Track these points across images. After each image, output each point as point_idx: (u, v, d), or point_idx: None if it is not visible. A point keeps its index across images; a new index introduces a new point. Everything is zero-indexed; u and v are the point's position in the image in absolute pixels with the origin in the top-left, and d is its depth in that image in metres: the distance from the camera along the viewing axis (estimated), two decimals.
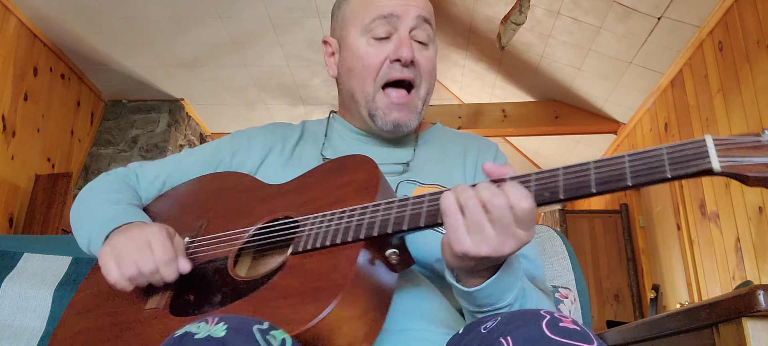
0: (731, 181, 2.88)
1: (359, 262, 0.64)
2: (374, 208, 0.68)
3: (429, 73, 0.95)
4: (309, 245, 0.69)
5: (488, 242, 0.60)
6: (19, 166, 3.67)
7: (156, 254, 0.74)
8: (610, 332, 1.92)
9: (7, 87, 3.51)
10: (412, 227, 0.65)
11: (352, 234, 0.67)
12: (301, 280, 0.66)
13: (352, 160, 0.80)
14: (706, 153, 0.54)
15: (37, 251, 1.22)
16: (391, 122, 0.92)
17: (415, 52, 0.92)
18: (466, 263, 0.63)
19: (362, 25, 0.94)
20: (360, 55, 0.93)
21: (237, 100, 4.73)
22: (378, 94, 0.93)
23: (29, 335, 1.10)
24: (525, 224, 0.60)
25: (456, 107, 4.78)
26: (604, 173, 0.58)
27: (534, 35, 3.90)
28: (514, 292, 0.68)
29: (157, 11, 3.61)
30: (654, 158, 0.56)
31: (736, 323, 1.23)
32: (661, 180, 0.55)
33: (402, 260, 0.70)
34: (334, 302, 0.59)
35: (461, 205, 0.61)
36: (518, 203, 0.59)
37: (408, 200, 0.68)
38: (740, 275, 2.79)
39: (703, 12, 3.08)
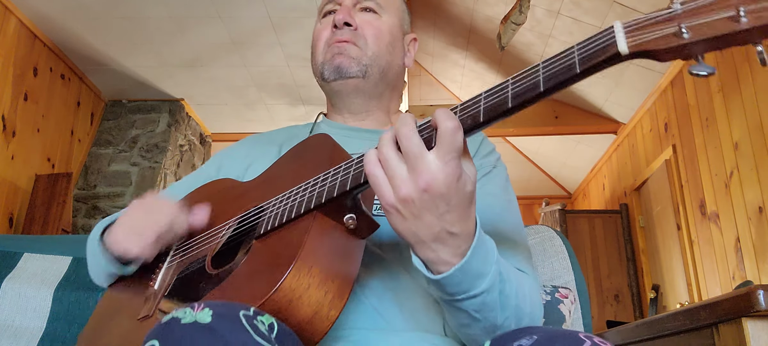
0: (731, 181, 2.88)
1: (313, 231, 0.64)
2: (324, 176, 0.69)
3: (375, 38, 0.98)
4: (269, 226, 0.71)
5: (401, 179, 0.58)
6: (19, 166, 3.67)
7: (164, 206, 0.79)
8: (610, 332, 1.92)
9: (7, 87, 3.51)
10: (354, 186, 0.64)
11: (305, 206, 0.68)
12: (261, 260, 0.67)
13: (311, 140, 0.82)
14: (612, 38, 0.51)
15: (37, 251, 1.22)
16: (333, 67, 0.96)
17: (358, 16, 0.99)
18: (399, 221, 0.60)
19: (319, 12, 1.05)
20: (314, 34, 1.03)
21: (237, 100, 4.73)
22: (325, 54, 0.99)
23: (29, 335, 1.10)
24: (441, 150, 0.56)
25: None
26: (519, 88, 0.57)
27: (534, 35, 3.90)
28: (489, 278, 0.64)
29: (157, 11, 3.61)
30: (565, 58, 0.55)
31: (736, 323, 1.23)
32: (572, 78, 0.54)
33: (361, 225, 0.69)
34: (287, 273, 0.60)
35: (380, 158, 0.60)
36: (443, 123, 0.56)
37: (352, 161, 0.67)
38: (740, 275, 2.79)
39: None
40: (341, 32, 0.97)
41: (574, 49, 0.55)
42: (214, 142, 5.19)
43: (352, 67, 0.96)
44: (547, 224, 3.78)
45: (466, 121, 0.58)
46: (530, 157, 5.80)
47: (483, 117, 0.57)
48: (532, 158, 5.81)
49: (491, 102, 0.58)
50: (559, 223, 4.48)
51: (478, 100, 0.60)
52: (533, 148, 5.61)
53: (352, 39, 0.97)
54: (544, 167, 5.84)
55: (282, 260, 0.62)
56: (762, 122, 2.65)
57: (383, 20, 1.01)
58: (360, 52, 0.97)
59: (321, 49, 1.00)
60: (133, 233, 0.79)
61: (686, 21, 0.48)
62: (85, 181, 4.34)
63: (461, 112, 0.59)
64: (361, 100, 1.00)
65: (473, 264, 0.63)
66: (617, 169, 4.64)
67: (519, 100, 0.56)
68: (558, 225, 4.50)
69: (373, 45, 0.98)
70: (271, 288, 0.59)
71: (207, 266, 0.77)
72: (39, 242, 1.25)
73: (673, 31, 0.48)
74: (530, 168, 5.82)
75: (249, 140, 1.07)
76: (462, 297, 0.64)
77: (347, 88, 0.98)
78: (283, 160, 0.85)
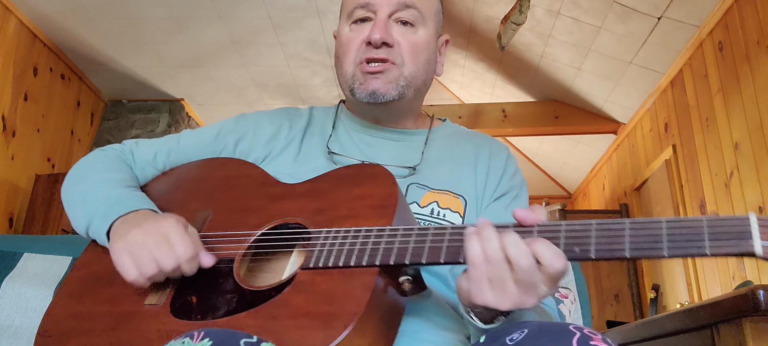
0: (731, 181, 2.88)
1: (373, 289, 0.62)
2: (392, 232, 0.66)
3: (412, 55, 0.92)
4: (321, 262, 0.66)
5: (510, 298, 0.59)
6: (19, 166, 3.67)
7: (177, 250, 0.71)
8: (610, 332, 1.92)
9: (7, 87, 3.51)
10: (431, 262, 0.63)
11: (367, 259, 0.64)
12: (311, 300, 0.63)
13: (370, 170, 0.76)
14: (748, 234, 0.52)
15: (37, 251, 1.21)
16: (367, 92, 0.90)
17: (396, 33, 0.91)
18: (485, 309, 0.62)
19: (347, 13, 0.96)
20: (343, 40, 0.95)
21: (237, 100, 4.73)
22: (356, 70, 0.92)
23: (29, 335, 1.10)
24: (552, 282, 0.59)
25: (456, 107, 4.78)
26: (639, 238, 0.56)
27: (534, 35, 3.90)
28: (531, 313, 0.68)
29: (157, 11, 3.61)
30: (694, 230, 0.54)
31: (736, 323, 1.23)
32: (699, 255, 0.54)
33: (414, 287, 0.68)
34: (346, 332, 0.58)
35: (487, 256, 0.59)
36: (552, 265, 0.57)
37: (428, 229, 0.65)
38: (740, 275, 2.79)
39: (703, 12, 3.08)
40: (376, 52, 0.90)
41: (703, 223, 0.55)
42: None
43: (390, 92, 0.90)
44: None
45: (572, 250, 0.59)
46: (530, 157, 5.80)
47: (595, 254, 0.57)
48: (532, 158, 5.81)
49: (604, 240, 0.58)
50: None
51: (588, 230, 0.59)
52: (533, 149, 5.61)
53: (389, 58, 0.90)
54: (544, 167, 5.84)
55: (340, 313, 0.59)
56: (762, 122, 2.65)
57: (420, 34, 0.94)
58: (397, 73, 0.91)
59: (351, 61, 0.92)
60: (134, 258, 0.72)
61: None
62: None
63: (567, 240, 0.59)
64: (394, 115, 0.98)
65: (519, 314, 0.65)
66: (617, 169, 4.64)
67: (636, 253, 0.56)
68: None
69: (410, 64, 0.92)
70: (326, 344, 0.57)
71: (236, 274, 0.72)
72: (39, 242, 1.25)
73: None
74: (530, 168, 5.82)
75: (273, 117, 1.01)
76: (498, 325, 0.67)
77: (380, 108, 0.95)
78: (333, 180, 0.79)
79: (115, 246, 0.75)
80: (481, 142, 0.99)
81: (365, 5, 0.92)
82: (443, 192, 0.88)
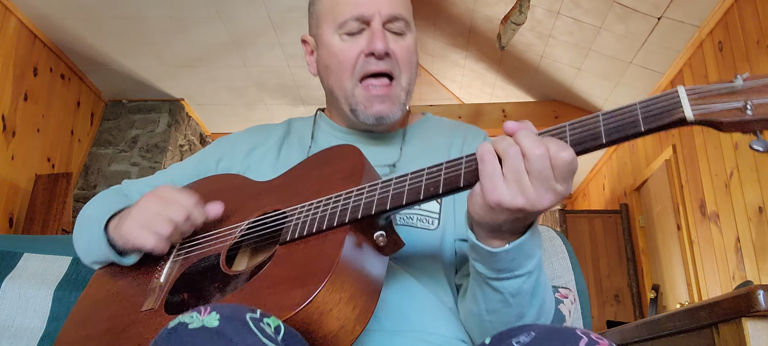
0: (731, 181, 2.88)
1: (346, 245, 0.64)
2: (358, 192, 0.69)
3: (408, 62, 0.93)
4: (296, 234, 0.70)
5: (526, 193, 0.58)
6: (19, 166, 3.67)
7: (181, 200, 0.77)
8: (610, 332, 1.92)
9: (7, 87, 3.51)
10: (396, 206, 0.65)
11: (338, 219, 0.67)
12: (289, 268, 0.66)
13: (337, 149, 0.81)
14: (678, 103, 0.54)
15: (37, 251, 1.22)
16: (372, 115, 0.90)
17: (391, 42, 0.91)
18: (496, 216, 0.61)
19: (335, 22, 0.93)
20: (335, 52, 0.92)
21: (237, 100, 4.73)
22: (357, 89, 0.91)
23: (29, 335, 1.10)
24: (564, 176, 0.58)
25: (456, 107, 4.78)
26: (578, 134, 0.59)
27: (534, 35, 3.90)
28: (535, 260, 0.66)
29: (157, 11, 3.61)
30: (628, 114, 0.57)
31: (736, 323, 1.23)
32: (635, 135, 0.56)
33: (390, 242, 0.70)
34: (322, 285, 0.60)
35: (499, 152, 0.59)
36: (558, 154, 0.57)
37: (391, 180, 0.68)
38: (740, 275, 2.79)
39: (703, 12, 3.08)
40: (378, 63, 0.89)
41: (636, 107, 0.57)
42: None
43: (395, 113, 0.91)
44: (547, 224, 3.79)
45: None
46: None
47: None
48: None
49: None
50: (559, 223, 4.48)
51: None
52: None
53: (390, 70, 0.90)
54: None
55: (316, 271, 0.62)
56: None
57: (408, 40, 0.94)
58: (398, 89, 0.91)
59: (349, 77, 0.91)
60: (147, 226, 0.77)
61: (751, 98, 0.52)
62: (85, 181, 4.34)
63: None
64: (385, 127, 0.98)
65: (528, 244, 0.65)
66: (617, 169, 4.64)
67: (578, 148, 0.59)
68: (558, 225, 4.50)
69: (405, 72, 0.92)
70: (305, 299, 0.59)
71: (222, 264, 0.76)
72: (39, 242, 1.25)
73: (739, 106, 0.52)
74: None
75: (250, 133, 1.04)
76: (507, 276, 0.67)
77: (382, 128, 0.96)
78: (306, 165, 0.83)
79: (124, 228, 0.79)
80: (455, 131, 1.00)
81: (360, 18, 0.91)
82: None
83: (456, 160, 0.65)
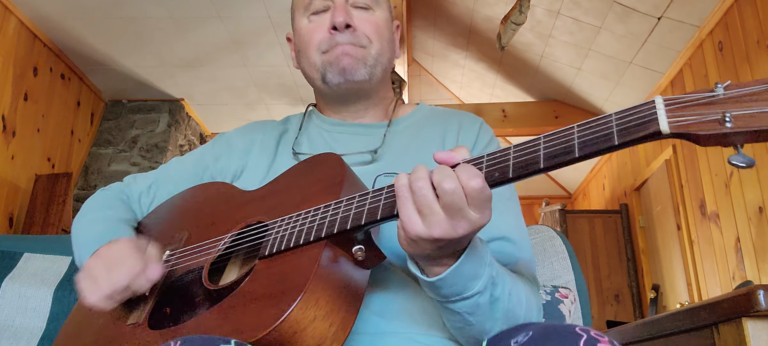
0: (731, 181, 2.88)
1: (322, 261, 0.63)
2: (336, 205, 0.68)
3: (375, 34, 0.94)
4: (275, 249, 0.69)
5: (439, 223, 0.58)
6: (19, 166, 3.67)
7: (125, 267, 0.76)
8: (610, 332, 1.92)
9: (7, 87, 3.51)
10: (370, 221, 0.64)
11: (315, 234, 0.66)
12: (265, 284, 0.65)
13: (321, 158, 0.80)
14: (654, 115, 0.51)
15: (37, 251, 1.22)
16: (338, 70, 0.91)
17: (355, 16, 0.94)
18: (422, 247, 0.61)
19: (303, 6, 0.97)
20: (303, 33, 0.96)
21: (237, 100, 4.73)
22: (324, 56, 0.93)
23: (29, 335, 1.10)
24: (477, 204, 0.58)
25: (456, 107, 4.79)
26: (552, 149, 0.56)
27: (534, 35, 3.90)
28: (482, 280, 0.66)
29: (157, 11, 3.61)
30: (602, 127, 0.54)
31: (736, 323, 1.23)
32: (609, 149, 0.53)
33: (370, 256, 0.69)
34: (295, 304, 0.58)
35: (411, 186, 0.60)
36: (468, 183, 0.57)
37: (368, 193, 0.67)
38: (740, 275, 2.79)
39: (703, 12, 3.08)
40: (342, 35, 0.92)
41: (612, 119, 0.54)
42: None
43: (359, 70, 0.92)
44: (547, 224, 3.78)
45: (493, 174, 0.59)
46: None
47: (512, 173, 0.58)
48: None
49: (521, 159, 0.58)
50: (559, 223, 4.48)
51: (507, 155, 0.59)
52: None
53: (353, 42, 0.92)
54: None
55: (289, 289, 0.61)
56: None
57: (378, 15, 0.97)
58: (364, 52, 0.93)
59: (315, 50, 0.94)
60: (92, 281, 0.77)
61: (730, 109, 0.48)
62: (85, 181, 4.34)
63: (488, 166, 0.60)
64: (365, 100, 0.98)
65: (467, 267, 0.64)
66: (617, 169, 4.64)
67: (551, 162, 0.55)
68: (558, 225, 4.50)
69: (375, 43, 0.94)
70: (277, 319, 0.58)
71: (204, 279, 0.75)
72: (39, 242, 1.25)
73: (717, 118, 0.48)
74: None
75: (247, 130, 1.04)
76: (456, 299, 0.66)
77: (352, 92, 0.95)
78: (290, 175, 0.83)
79: (77, 278, 0.79)
80: (451, 118, 0.99)
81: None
82: None
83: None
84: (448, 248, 0.61)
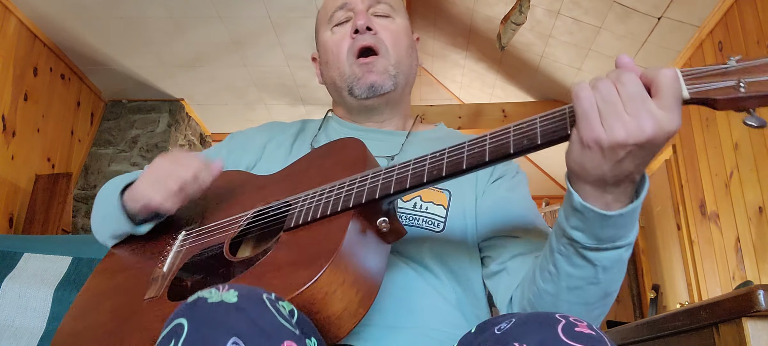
0: (731, 181, 2.88)
1: (350, 229, 0.65)
2: (362, 178, 0.70)
3: (394, 41, 0.99)
4: (300, 220, 0.71)
5: (623, 122, 0.54)
6: (19, 166, 3.67)
7: (190, 160, 0.80)
8: (610, 332, 1.92)
9: (7, 87, 3.51)
10: (399, 190, 0.66)
11: (342, 204, 0.68)
12: (293, 252, 0.67)
13: (339, 142, 0.83)
14: None
15: (37, 251, 1.22)
16: (365, 86, 0.96)
17: (375, 22, 0.99)
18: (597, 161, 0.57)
19: (325, 21, 1.03)
20: (329, 45, 1.01)
21: (237, 100, 4.73)
22: (352, 67, 0.97)
23: (29, 335, 1.11)
24: (666, 99, 0.54)
25: (456, 107, 4.78)
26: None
27: (534, 35, 3.90)
28: (635, 231, 0.64)
29: (157, 11, 3.61)
30: None
31: (736, 323, 1.23)
32: None
33: (393, 230, 0.71)
34: (327, 266, 0.60)
35: (594, 85, 0.57)
36: (656, 74, 0.55)
37: (394, 167, 0.69)
38: (740, 275, 2.79)
39: (703, 12, 3.08)
40: (364, 37, 0.96)
41: None
42: (214, 143, 5.19)
43: (386, 83, 0.96)
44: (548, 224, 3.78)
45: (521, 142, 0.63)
46: (530, 157, 5.80)
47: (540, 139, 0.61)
48: (532, 158, 5.81)
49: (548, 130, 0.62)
50: None
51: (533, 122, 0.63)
52: None
53: (375, 45, 0.96)
54: (544, 167, 5.84)
55: (320, 253, 0.63)
56: None
57: (397, 23, 1.01)
58: (386, 63, 0.97)
59: (345, 60, 0.98)
60: (157, 183, 0.79)
61: (743, 77, 0.55)
62: (85, 181, 4.34)
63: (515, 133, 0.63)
64: (389, 109, 1.02)
65: (637, 210, 0.62)
66: None
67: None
68: None
69: (393, 51, 0.98)
70: (310, 279, 0.59)
71: (225, 252, 0.76)
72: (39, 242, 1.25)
73: (732, 85, 0.55)
74: (530, 168, 5.82)
75: (266, 128, 1.07)
76: (608, 246, 0.64)
77: (379, 104, 0.99)
78: (309, 159, 0.85)
79: (136, 188, 0.81)
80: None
81: (343, 6, 1.01)
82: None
83: (459, 145, 0.66)
84: (625, 168, 0.57)
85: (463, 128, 4.58)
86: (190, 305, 0.53)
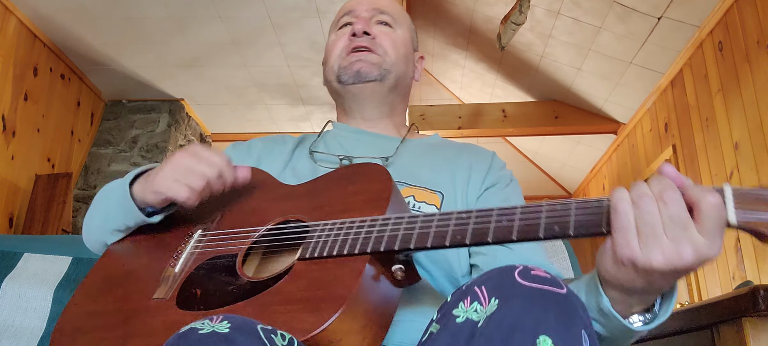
0: (731, 180, 2.88)
1: (364, 276, 0.63)
2: (384, 222, 0.68)
3: (392, 46, 1.03)
4: (315, 253, 0.69)
5: (661, 246, 0.52)
6: (19, 166, 3.67)
7: (214, 159, 0.79)
8: None
9: (7, 87, 3.51)
10: (420, 247, 0.64)
11: (360, 246, 0.66)
12: (304, 287, 0.65)
13: (366, 168, 0.80)
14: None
15: (37, 251, 1.22)
16: (352, 72, 1.00)
17: (374, 28, 1.04)
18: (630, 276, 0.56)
19: (333, 26, 1.11)
20: (329, 45, 1.09)
21: (237, 101, 4.73)
22: (344, 58, 1.03)
23: (29, 335, 1.10)
24: (708, 226, 0.51)
25: (456, 107, 4.78)
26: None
27: (534, 35, 3.90)
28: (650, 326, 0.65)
29: (157, 11, 3.61)
30: None
31: (736, 323, 1.23)
32: None
33: (407, 277, 0.69)
34: (336, 315, 0.59)
35: (634, 201, 0.54)
36: (701, 196, 0.51)
37: (417, 217, 0.67)
38: (740, 275, 2.79)
39: (703, 12, 3.08)
40: (360, 39, 1.01)
41: None
42: (214, 143, 5.19)
43: (372, 71, 1.00)
44: None
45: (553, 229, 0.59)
46: (530, 157, 5.80)
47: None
48: (532, 158, 5.81)
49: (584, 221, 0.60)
50: None
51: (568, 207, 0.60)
52: (533, 149, 5.61)
53: (370, 46, 1.01)
54: (544, 167, 5.84)
55: (331, 298, 0.61)
56: (762, 122, 2.65)
57: (398, 33, 1.06)
58: (379, 59, 1.01)
59: (337, 55, 1.03)
60: (181, 179, 0.78)
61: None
62: (85, 181, 4.34)
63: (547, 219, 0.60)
64: (376, 105, 1.04)
65: (667, 312, 0.64)
66: (617, 169, 4.64)
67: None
68: None
69: (391, 53, 1.02)
70: (317, 327, 0.58)
71: (238, 267, 0.75)
72: (39, 242, 1.25)
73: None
74: (530, 168, 5.82)
75: (267, 139, 1.09)
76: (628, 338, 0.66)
77: (364, 92, 1.02)
78: (333, 178, 0.83)
79: (156, 181, 0.80)
80: (461, 151, 1.02)
81: (349, 12, 1.07)
82: (420, 188, 0.92)
83: (487, 210, 0.63)
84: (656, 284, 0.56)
85: (464, 128, 4.58)
86: (181, 336, 0.54)
